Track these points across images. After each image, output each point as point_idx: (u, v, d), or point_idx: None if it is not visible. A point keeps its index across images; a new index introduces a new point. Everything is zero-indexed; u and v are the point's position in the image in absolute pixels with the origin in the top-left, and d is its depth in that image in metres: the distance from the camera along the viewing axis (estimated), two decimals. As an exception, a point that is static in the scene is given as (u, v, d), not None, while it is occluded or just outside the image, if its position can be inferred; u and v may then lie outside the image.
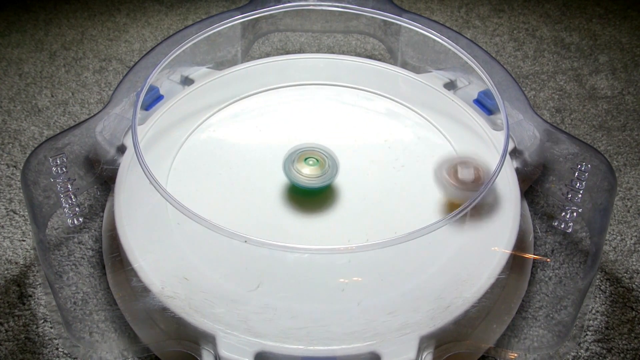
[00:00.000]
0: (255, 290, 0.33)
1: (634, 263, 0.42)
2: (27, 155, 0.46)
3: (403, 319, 0.32)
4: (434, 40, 0.46)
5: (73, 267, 0.40)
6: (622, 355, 0.37)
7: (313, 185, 0.37)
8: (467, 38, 0.47)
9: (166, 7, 0.68)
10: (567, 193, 0.38)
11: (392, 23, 0.50)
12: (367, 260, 0.35)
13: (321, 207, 0.38)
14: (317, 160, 0.38)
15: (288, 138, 0.43)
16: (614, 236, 0.44)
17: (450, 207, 0.36)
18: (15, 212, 0.44)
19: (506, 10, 0.69)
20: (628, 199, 0.46)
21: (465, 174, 0.35)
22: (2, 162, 0.48)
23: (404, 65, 0.52)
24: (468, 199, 0.33)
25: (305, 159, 0.38)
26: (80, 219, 0.38)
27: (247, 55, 0.54)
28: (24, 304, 0.38)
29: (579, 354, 0.37)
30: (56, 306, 0.35)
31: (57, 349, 0.36)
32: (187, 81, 0.48)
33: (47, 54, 0.61)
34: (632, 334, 0.38)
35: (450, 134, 0.43)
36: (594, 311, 0.39)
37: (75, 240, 0.41)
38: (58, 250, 0.40)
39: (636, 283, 0.41)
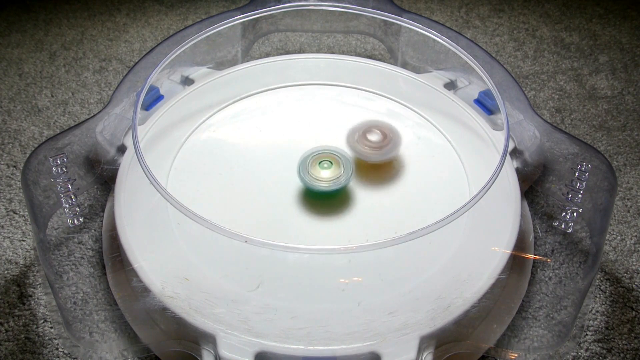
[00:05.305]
0: (255, 291, 0.33)
1: (634, 263, 0.42)
2: (27, 155, 0.46)
3: (403, 319, 0.32)
4: (434, 40, 0.46)
5: (73, 267, 0.40)
6: (622, 355, 0.37)
7: (329, 189, 0.37)
8: (467, 38, 0.47)
9: (166, 7, 0.68)
10: (567, 193, 0.38)
11: (392, 23, 0.50)
12: (367, 261, 0.35)
13: (321, 207, 0.38)
14: (331, 163, 0.38)
15: (288, 138, 0.43)
16: (614, 236, 0.44)
17: (360, 165, 0.40)
18: (15, 212, 0.44)
19: (506, 10, 0.69)
20: (628, 199, 0.46)
21: (374, 137, 0.40)
22: (2, 162, 0.48)
23: (404, 65, 0.52)
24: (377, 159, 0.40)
25: (320, 162, 0.38)
26: (80, 219, 0.38)
27: (247, 56, 0.54)
28: (24, 304, 0.38)
29: (579, 354, 0.37)
30: (56, 306, 0.35)
31: (57, 349, 0.36)
32: (187, 81, 0.48)
33: (47, 54, 0.61)
34: (632, 334, 0.38)
35: (450, 134, 0.43)
36: (594, 311, 0.39)
37: (75, 240, 0.41)
38: (58, 250, 0.40)
39: (636, 283, 0.41)
